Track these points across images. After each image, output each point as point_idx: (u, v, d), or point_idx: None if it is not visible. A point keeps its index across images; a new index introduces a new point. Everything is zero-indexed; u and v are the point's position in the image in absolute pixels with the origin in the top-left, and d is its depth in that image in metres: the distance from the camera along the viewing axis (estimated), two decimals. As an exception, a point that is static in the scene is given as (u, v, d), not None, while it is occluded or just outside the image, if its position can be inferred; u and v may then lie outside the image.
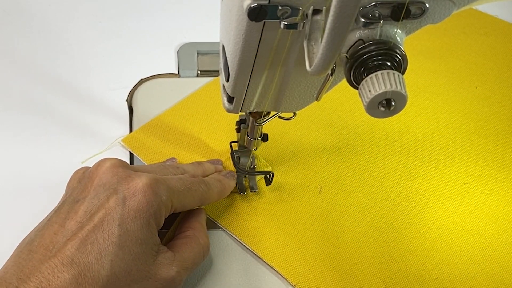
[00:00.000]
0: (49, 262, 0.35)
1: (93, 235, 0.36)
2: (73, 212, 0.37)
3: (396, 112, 0.31)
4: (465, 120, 0.57)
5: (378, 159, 0.53)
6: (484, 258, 0.46)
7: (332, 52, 0.27)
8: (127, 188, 0.38)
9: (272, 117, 0.44)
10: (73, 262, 0.35)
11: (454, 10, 0.33)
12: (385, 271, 0.45)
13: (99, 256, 0.35)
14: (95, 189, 0.38)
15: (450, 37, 0.65)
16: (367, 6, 0.31)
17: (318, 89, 0.35)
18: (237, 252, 0.46)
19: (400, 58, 0.32)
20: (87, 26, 0.65)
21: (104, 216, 0.36)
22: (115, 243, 0.35)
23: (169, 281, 0.38)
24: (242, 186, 0.49)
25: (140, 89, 0.59)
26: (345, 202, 0.50)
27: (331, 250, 0.46)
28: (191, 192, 0.42)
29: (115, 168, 0.39)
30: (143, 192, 0.37)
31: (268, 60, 0.35)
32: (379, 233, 0.48)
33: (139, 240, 0.36)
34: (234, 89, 0.38)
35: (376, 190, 0.51)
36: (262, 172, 0.49)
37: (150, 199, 0.37)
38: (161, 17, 0.68)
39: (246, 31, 0.32)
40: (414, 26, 0.33)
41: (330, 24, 0.25)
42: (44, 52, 0.62)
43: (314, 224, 0.48)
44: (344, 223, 0.48)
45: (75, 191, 0.40)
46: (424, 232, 0.48)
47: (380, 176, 0.52)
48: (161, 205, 0.38)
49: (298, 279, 0.44)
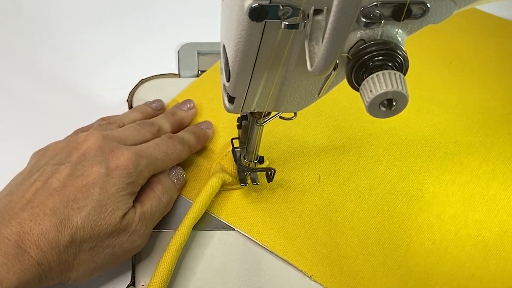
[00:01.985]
0: (30, 211, 0.38)
1: (75, 194, 0.40)
2: (58, 173, 0.41)
3: (398, 112, 0.31)
4: (446, 95, 0.59)
5: (369, 143, 0.54)
6: (492, 219, 0.48)
7: (333, 52, 0.27)
8: (111, 161, 0.42)
9: (273, 117, 0.44)
10: (53, 213, 0.38)
11: (455, 10, 0.33)
12: (395, 251, 0.46)
13: (79, 210, 0.39)
14: (79, 157, 0.42)
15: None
16: (368, 6, 0.31)
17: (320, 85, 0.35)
18: (237, 253, 0.46)
19: (401, 58, 0.31)
20: (87, 26, 0.65)
21: (87, 179, 0.40)
22: (94, 201, 0.40)
23: (132, 231, 0.42)
24: (242, 178, 0.49)
25: (140, 89, 0.59)
26: (344, 189, 0.51)
27: (340, 237, 0.47)
28: (168, 156, 0.46)
29: (101, 141, 0.43)
30: (125, 165, 0.42)
31: (269, 60, 0.35)
32: (382, 216, 0.49)
33: (115, 200, 0.41)
34: (235, 89, 0.38)
35: (372, 174, 0.52)
36: (264, 168, 0.49)
37: (130, 171, 0.42)
38: (161, 17, 0.68)
39: (247, 31, 0.32)
40: (415, 26, 0.33)
41: (331, 24, 0.25)
42: (44, 52, 0.62)
43: (319, 213, 0.49)
44: (347, 210, 0.49)
45: (59, 156, 0.43)
46: (427, 208, 0.49)
47: (374, 159, 0.53)
48: (140, 175, 0.43)
49: (313, 270, 0.45)
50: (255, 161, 0.48)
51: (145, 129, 0.48)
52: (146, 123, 0.49)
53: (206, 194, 0.47)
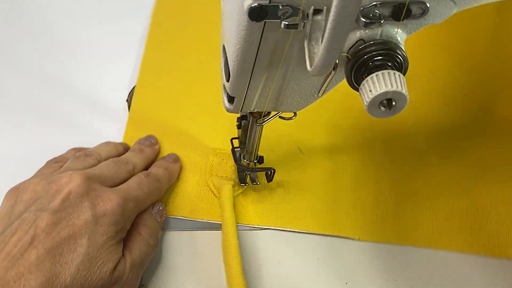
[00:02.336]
0: (14, 270, 0.35)
1: (61, 247, 0.36)
2: (40, 220, 0.37)
3: (397, 112, 0.31)
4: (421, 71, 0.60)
5: (371, 142, 0.54)
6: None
7: (332, 52, 0.27)
8: (98, 207, 0.39)
9: (273, 117, 0.44)
10: (39, 270, 0.35)
11: (455, 10, 0.33)
12: (412, 196, 0.50)
13: (66, 265, 0.36)
14: (63, 202, 0.39)
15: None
16: (368, 6, 0.31)
17: (320, 85, 0.35)
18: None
19: (401, 58, 0.32)
20: (87, 26, 0.65)
21: (73, 229, 0.37)
22: (82, 254, 0.37)
23: (124, 282, 0.40)
24: (242, 177, 0.49)
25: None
26: (340, 158, 0.52)
27: (363, 196, 0.50)
28: (150, 195, 0.45)
29: (85, 183, 0.40)
30: (113, 211, 0.39)
31: (268, 60, 0.35)
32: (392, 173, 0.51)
33: (105, 251, 0.38)
34: (235, 89, 0.38)
35: (375, 172, 0.52)
36: (263, 168, 0.49)
37: (118, 218, 0.40)
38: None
39: (247, 31, 0.32)
40: (415, 26, 0.33)
41: (331, 24, 0.25)
42: (43, 52, 0.62)
43: (329, 184, 0.50)
44: (351, 175, 0.51)
45: (40, 200, 0.39)
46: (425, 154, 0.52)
47: (376, 159, 0.53)
48: (127, 221, 0.41)
49: (359, 233, 0.47)
50: (255, 161, 0.48)
51: (122, 168, 0.46)
52: (122, 161, 0.47)
53: (228, 208, 0.47)
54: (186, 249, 0.47)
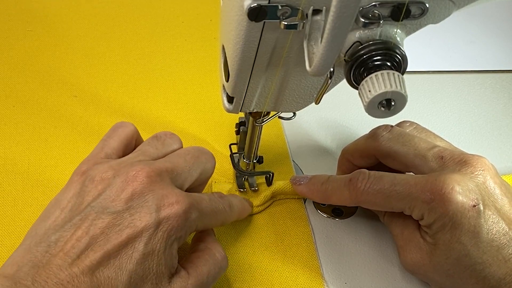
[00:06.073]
0: (68, 270, 0.33)
1: (118, 250, 0.35)
2: (100, 220, 0.35)
3: (396, 112, 0.31)
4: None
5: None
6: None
7: (332, 52, 0.27)
8: (163, 209, 0.36)
9: (272, 117, 0.44)
10: (93, 274, 0.34)
11: (454, 10, 0.33)
12: None
13: (119, 271, 0.34)
14: (127, 201, 0.36)
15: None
16: (367, 6, 0.31)
17: (318, 91, 0.35)
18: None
19: (400, 58, 0.32)
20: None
21: (132, 233, 0.35)
22: (137, 261, 0.35)
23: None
24: (241, 183, 0.49)
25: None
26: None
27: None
28: (217, 215, 0.41)
29: (153, 180, 0.37)
30: (177, 217, 0.37)
31: (268, 60, 0.35)
32: None
33: (161, 260, 0.36)
34: (234, 89, 0.38)
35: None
36: (262, 172, 0.49)
37: (181, 224, 0.37)
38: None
39: (246, 31, 0.32)
40: (414, 26, 0.33)
41: (330, 24, 0.25)
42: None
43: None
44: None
45: (105, 194, 0.37)
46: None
47: None
48: (188, 231, 0.38)
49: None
50: (254, 161, 0.48)
51: (196, 164, 0.41)
52: (200, 153, 0.43)
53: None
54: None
